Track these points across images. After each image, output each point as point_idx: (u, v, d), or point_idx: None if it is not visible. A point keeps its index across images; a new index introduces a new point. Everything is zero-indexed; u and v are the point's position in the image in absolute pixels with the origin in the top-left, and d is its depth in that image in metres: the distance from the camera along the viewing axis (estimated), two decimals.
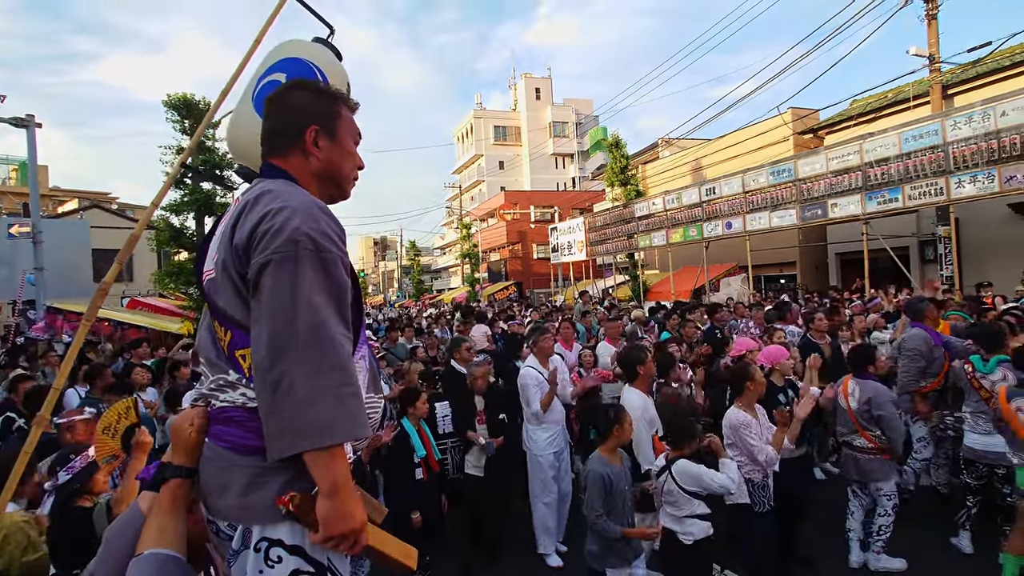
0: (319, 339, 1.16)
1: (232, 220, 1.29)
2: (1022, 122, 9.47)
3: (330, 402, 1.14)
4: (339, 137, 1.45)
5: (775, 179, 14.15)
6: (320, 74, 2.46)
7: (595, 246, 22.17)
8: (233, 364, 1.29)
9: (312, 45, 2.62)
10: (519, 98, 48.11)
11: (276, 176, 1.39)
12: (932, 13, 12.37)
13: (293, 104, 1.43)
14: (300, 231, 1.19)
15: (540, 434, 4.87)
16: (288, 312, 1.16)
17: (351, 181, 1.51)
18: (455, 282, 46.61)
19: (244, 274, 1.24)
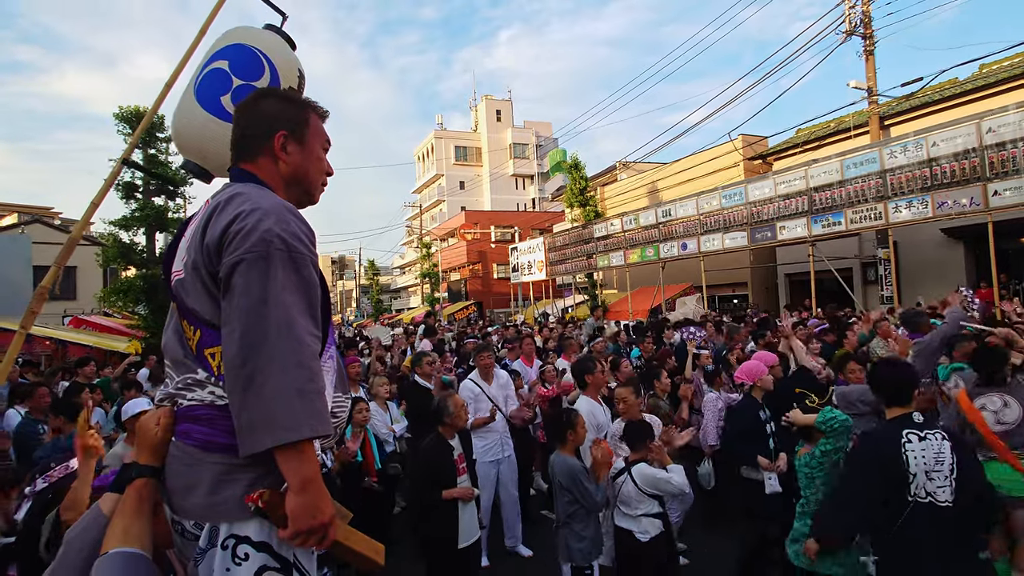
0: (288, 337, 1.18)
1: (203, 221, 1.31)
2: (951, 152, 10.14)
3: (295, 399, 1.16)
4: (308, 143, 1.48)
5: (727, 202, 14.68)
6: (267, 61, 2.42)
7: (555, 266, 22.43)
8: (202, 363, 1.31)
9: (262, 32, 2.55)
10: (480, 119, 48.58)
11: (245, 180, 1.41)
12: (869, 49, 13.18)
13: (262, 110, 1.46)
14: (272, 232, 1.22)
15: (478, 442, 5.02)
16: (259, 310, 1.18)
17: (320, 187, 1.54)
18: (415, 302, 46.23)
19: (215, 273, 1.26)
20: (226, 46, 2.46)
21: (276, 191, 1.41)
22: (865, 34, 13.11)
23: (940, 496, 2.60)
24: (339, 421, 1.46)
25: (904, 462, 2.65)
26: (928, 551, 2.58)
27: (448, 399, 3.80)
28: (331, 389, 1.39)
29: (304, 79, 2.70)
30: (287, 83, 2.58)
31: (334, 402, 1.41)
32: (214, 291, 1.27)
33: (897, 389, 2.88)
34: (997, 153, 9.55)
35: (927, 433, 2.71)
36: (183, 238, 1.41)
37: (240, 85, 2.47)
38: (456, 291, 37.80)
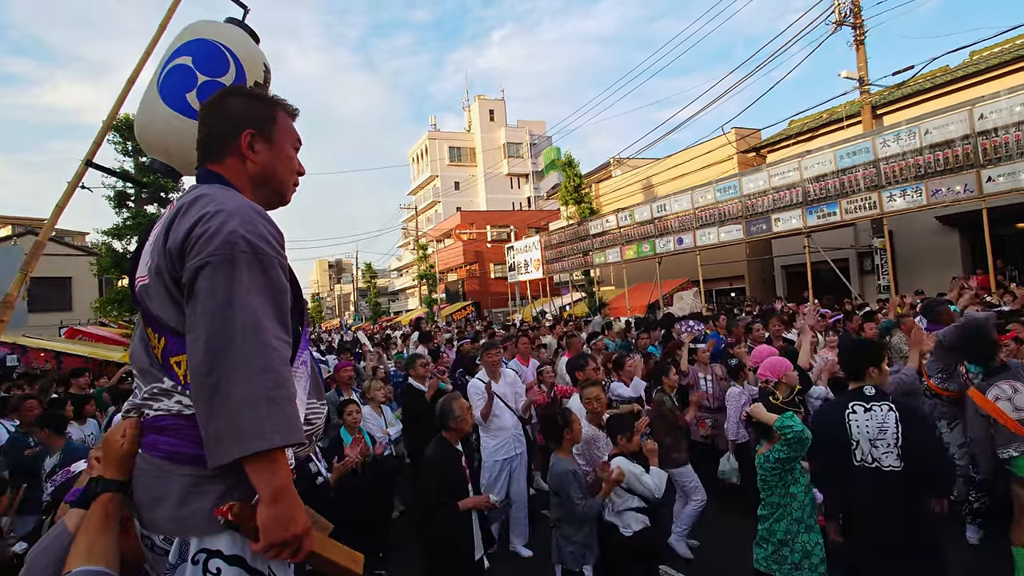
0: (255, 341, 1.14)
1: (166, 225, 1.27)
2: (944, 140, 10.13)
3: (263, 406, 1.12)
4: (276, 141, 1.44)
5: (721, 196, 14.66)
6: (232, 56, 2.38)
7: (551, 264, 22.40)
8: (168, 371, 1.27)
9: (225, 26, 2.51)
10: (473, 119, 48.52)
11: (212, 181, 1.38)
12: (859, 39, 13.16)
13: (228, 109, 1.42)
14: (236, 233, 1.18)
15: (489, 441, 5.09)
16: (224, 314, 1.14)
17: (290, 186, 1.51)
18: (413, 303, 46.20)
19: (178, 278, 1.22)
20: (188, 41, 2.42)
21: (244, 192, 1.38)
22: (854, 24, 13.09)
23: (885, 461, 2.88)
24: (314, 428, 1.42)
25: (847, 431, 3.00)
26: (875, 510, 2.90)
27: (452, 402, 3.74)
28: (304, 395, 1.35)
29: (270, 73, 2.65)
30: (252, 78, 2.54)
31: (308, 409, 1.37)
32: (178, 297, 1.23)
33: (853, 365, 3.16)
34: (989, 139, 9.53)
35: (873, 405, 2.99)
36: (147, 242, 1.37)
37: (205, 81, 2.43)
38: (454, 292, 37.75)
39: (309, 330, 1.45)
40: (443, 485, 3.47)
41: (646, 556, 3.60)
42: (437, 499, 3.43)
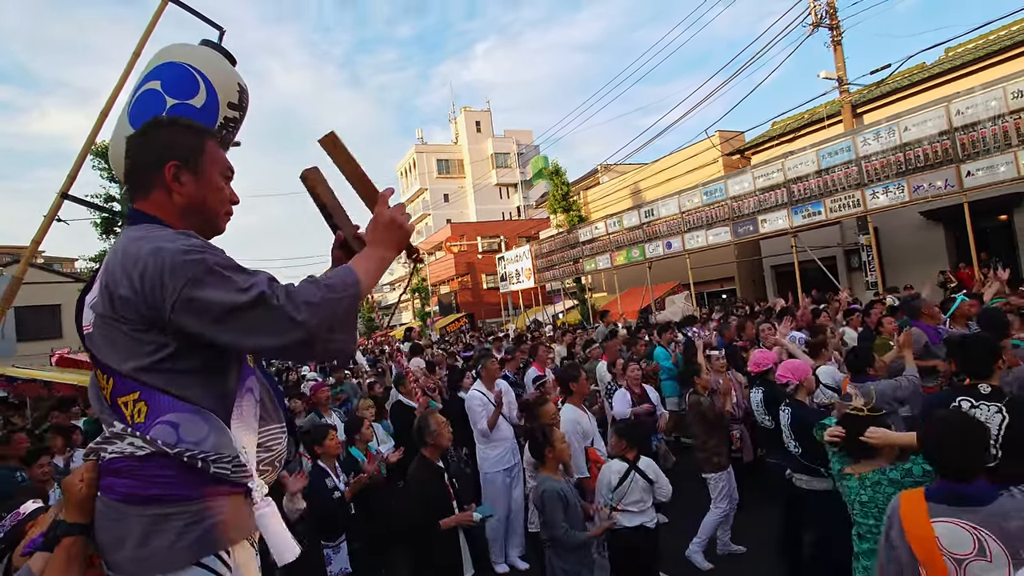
0: (273, 296, 1.21)
1: (104, 274, 1.29)
2: (923, 136, 10.26)
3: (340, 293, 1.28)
4: (204, 172, 1.43)
5: (708, 199, 14.76)
6: (202, 78, 2.37)
7: (542, 272, 22.44)
8: (117, 413, 1.28)
9: (197, 49, 2.50)
10: (460, 131, 48.69)
11: (139, 222, 1.37)
12: (836, 40, 13.35)
13: (151, 141, 1.42)
14: (176, 260, 1.21)
15: (489, 452, 5.10)
16: (231, 313, 1.19)
17: (223, 216, 1.50)
18: (406, 317, 46.06)
19: (120, 319, 1.24)
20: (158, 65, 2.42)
21: (173, 224, 1.38)
22: (831, 25, 13.28)
23: None
24: (273, 455, 1.42)
25: None
26: None
27: (428, 417, 3.73)
28: (255, 422, 1.37)
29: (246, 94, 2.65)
30: (226, 99, 2.53)
31: (263, 435, 1.38)
32: (121, 340, 1.26)
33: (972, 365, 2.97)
34: (967, 134, 9.66)
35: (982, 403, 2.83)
36: (90, 291, 1.37)
37: (175, 104, 2.42)
38: (447, 304, 37.69)
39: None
40: (429, 505, 3.46)
41: (646, 553, 3.72)
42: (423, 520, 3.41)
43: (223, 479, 1.27)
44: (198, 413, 1.26)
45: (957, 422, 2.16)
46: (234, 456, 1.28)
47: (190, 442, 1.23)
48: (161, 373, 1.26)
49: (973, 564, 1.87)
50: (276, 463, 1.45)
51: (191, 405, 1.26)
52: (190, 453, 1.22)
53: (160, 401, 1.24)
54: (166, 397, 1.25)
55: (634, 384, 5.74)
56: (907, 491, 2.17)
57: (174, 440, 1.22)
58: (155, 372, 1.25)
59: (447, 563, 3.53)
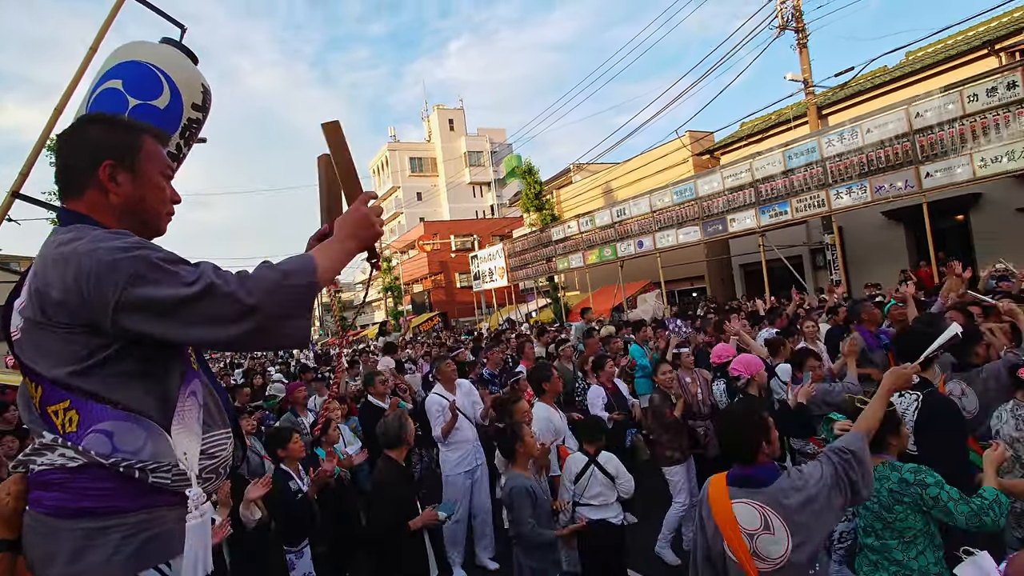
0: (223, 284, 1.17)
1: (34, 277, 1.22)
2: (884, 138, 10.53)
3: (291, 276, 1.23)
4: (141, 171, 1.37)
5: (678, 198, 14.92)
6: (165, 78, 2.31)
7: (516, 271, 22.45)
8: (47, 422, 1.21)
9: (159, 47, 2.44)
10: (433, 129, 48.41)
11: (71, 222, 1.31)
12: (802, 42, 13.60)
13: (86, 139, 1.35)
14: (115, 257, 1.15)
15: (450, 455, 5.03)
16: (183, 303, 1.15)
17: (163, 216, 1.44)
18: (379, 316, 45.66)
19: (47, 323, 1.18)
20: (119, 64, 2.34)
21: (109, 226, 1.32)
22: (797, 28, 13.53)
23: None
24: (218, 461, 1.37)
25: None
26: None
27: (401, 417, 3.69)
28: (198, 428, 1.31)
29: (210, 94, 2.58)
30: (190, 99, 2.47)
31: (207, 441, 1.33)
32: (51, 343, 1.19)
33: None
34: (926, 136, 9.94)
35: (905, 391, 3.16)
36: (17, 297, 1.30)
37: (137, 105, 2.35)
38: (420, 303, 37.48)
39: (192, 356, 1.40)
40: (397, 507, 3.41)
41: (608, 549, 3.73)
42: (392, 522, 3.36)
43: (163, 489, 1.22)
44: (135, 420, 1.21)
45: (739, 412, 2.45)
46: (174, 464, 1.23)
47: (126, 451, 1.18)
48: (97, 378, 1.20)
49: (761, 538, 2.12)
50: (221, 470, 1.39)
51: (127, 412, 1.20)
52: (127, 463, 1.17)
53: (92, 409, 1.18)
54: (99, 405, 1.19)
55: (607, 380, 5.75)
56: (714, 476, 2.39)
57: (108, 450, 1.17)
58: (91, 377, 1.19)
59: (415, 565, 3.50)
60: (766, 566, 2.09)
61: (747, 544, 2.13)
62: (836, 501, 2.10)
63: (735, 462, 2.30)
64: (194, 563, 1.24)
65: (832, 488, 2.10)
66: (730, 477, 2.29)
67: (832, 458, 2.17)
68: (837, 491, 2.11)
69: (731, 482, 2.27)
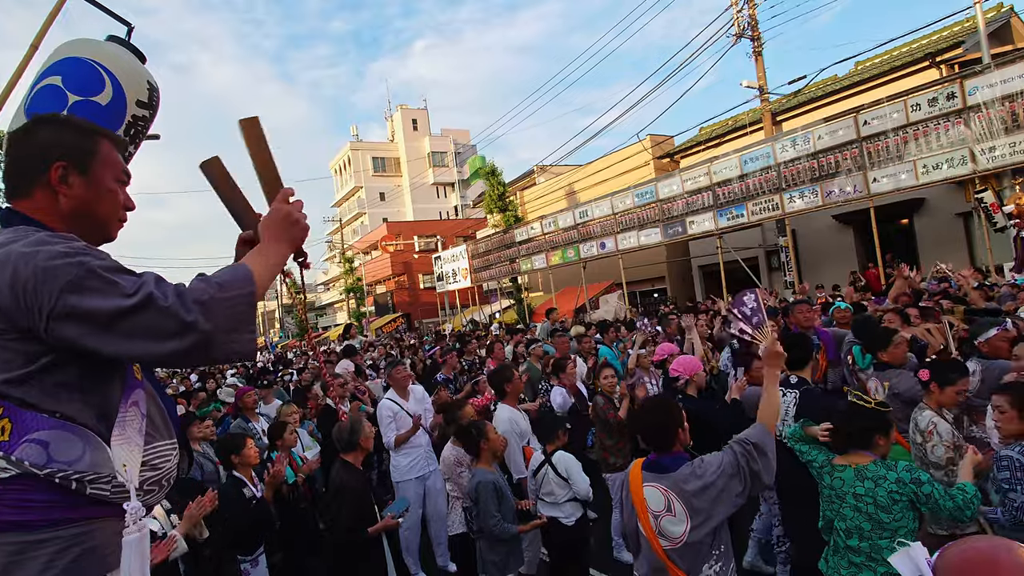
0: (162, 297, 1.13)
1: None
2: (834, 144, 10.92)
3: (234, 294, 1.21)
4: (94, 174, 1.33)
5: (639, 200, 15.16)
6: (108, 75, 2.26)
7: (479, 272, 22.43)
8: None
9: (102, 44, 2.38)
10: (396, 129, 48.00)
11: (15, 223, 1.27)
12: (758, 50, 14.00)
13: (39, 138, 1.31)
14: (52, 263, 1.11)
15: (401, 460, 4.98)
16: (121, 315, 1.11)
17: (116, 222, 1.40)
18: (341, 318, 45.00)
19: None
20: (59, 60, 2.27)
21: (55, 229, 1.27)
22: (753, 36, 13.91)
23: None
24: (161, 473, 1.34)
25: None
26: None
27: (359, 421, 3.65)
28: (139, 439, 1.27)
29: (157, 92, 2.52)
30: (134, 97, 2.41)
31: (148, 452, 1.29)
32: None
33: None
34: (873, 144, 10.35)
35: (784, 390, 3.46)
36: None
37: (78, 101, 2.28)
38: (383, 304, 37.08)
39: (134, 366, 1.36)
40: (359, 514, 3.38)
41: (583, 541, 3.81)
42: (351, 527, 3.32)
43: (101, 501, 1.19)
44: (72, 430, 1.17)
45: (651, 406, 2.64)
46: (113, 476, 1.19)
47: (62, 462, 1.14)
48: (34, 387, 1.15)
49: (664, 519, 2.34)
50: (164, 482, 1.36)
51: (64, 422, 1.16)
52: (63, 473, 1.13)
53: (25, 418, 1.14)
54: (32, 414, 1.14)
55: (568, 381, 5.78)
56: (635, 460, 2.58)
57: (43, 460, 1.13)
58: (27, 386, 1.15)
59: (374, 571, 3.48)
60: (669, 544, 2.30)
61: (652, 524, 2.34)
62: (734, 488, 2.25)
63: (653, 450, 2.49)
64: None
65: (731, 477, 2.25)
66: (645, 463, 2.49)
67: (735, 448, 2.31)
68: (737, 480, 2.26)
69: (645, 467, 2.47)
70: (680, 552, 2.27)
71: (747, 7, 13.81)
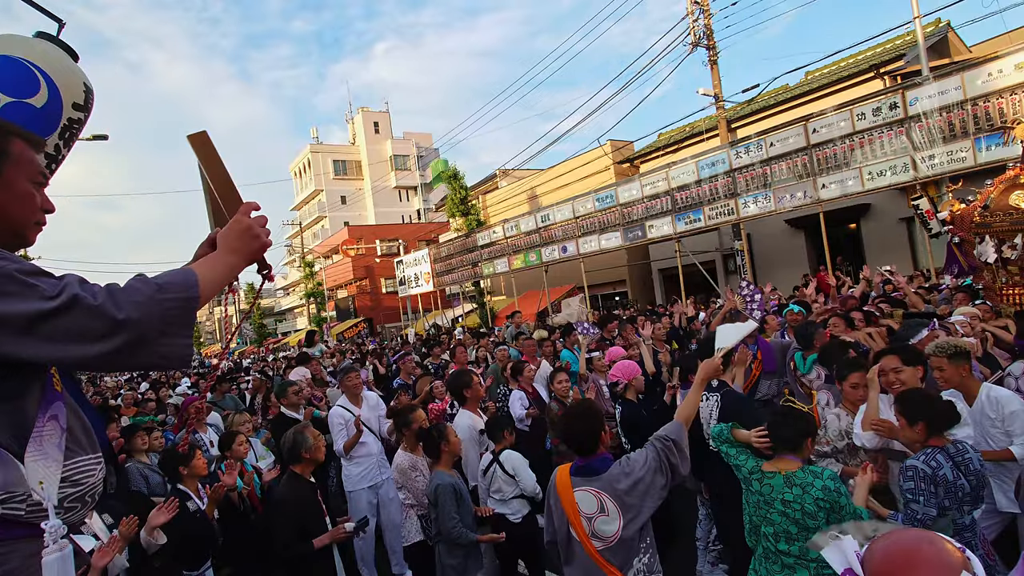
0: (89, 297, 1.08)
1: None
2: (785, 151, 11.27)
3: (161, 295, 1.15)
4: (6, 176, 1.27)
5: (600, 205, 15.33)
6: (43, 75, 2.17)
7: (441, 276, 22.32)
8: None
9: (34, 42, 2.28)
10: (358, 132, 47.42)
11: None
12: (713, 59, 14.34)
13: None
14: None
15: (353, 469, 4.91)
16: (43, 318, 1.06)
17: (32, 227, 1.33)
18: (301, 323, 44.14)
19: None
20: None
21: None
22: (708, 45, 14.25)
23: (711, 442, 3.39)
24: (84, 489, 1.28)
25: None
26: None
27: (304, 431, 3.57)
28: (58, 454, 1.22)
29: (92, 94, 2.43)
30: (70, 99, 2.31)
31: (69, 467, 1.24)
32: None
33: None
34: (822, 151, 10.72)
35: (707, 395, 3.67)
36: None
37: (9, 103, 2.18)
38: (344, 309, 36.52)
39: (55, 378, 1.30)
40: (301, 524, 3.29)
41: (530, 538, 3.81)
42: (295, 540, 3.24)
43: (15, 521, 1.13)
44: None
45: (574, 412, 2.72)
46: (28, 495, 1.14)
47: None
48: None
49: (598, 520, 2.41)
50: (87, 498, 1.30)
51: None
52: None
53: None
54: None
55: (527, 385, 5.80)
56: (562, 466, 2.64)
57: None
58: None
59: None
60: (602, 544, 2.38)
61: (586, 527, 2.41)
62: (659, 482, 2.38)
63: (578, 454, 2.55)
64: None
65: (655, 471, 2.38)
66: (573, 468, 2.55)
67: (656, 444, 2.44)
68: (660, 473, 2.39)
69: (573, 472, 2.53)
70: (613, 550, 2.36)
71: (703, 17, 14.16)
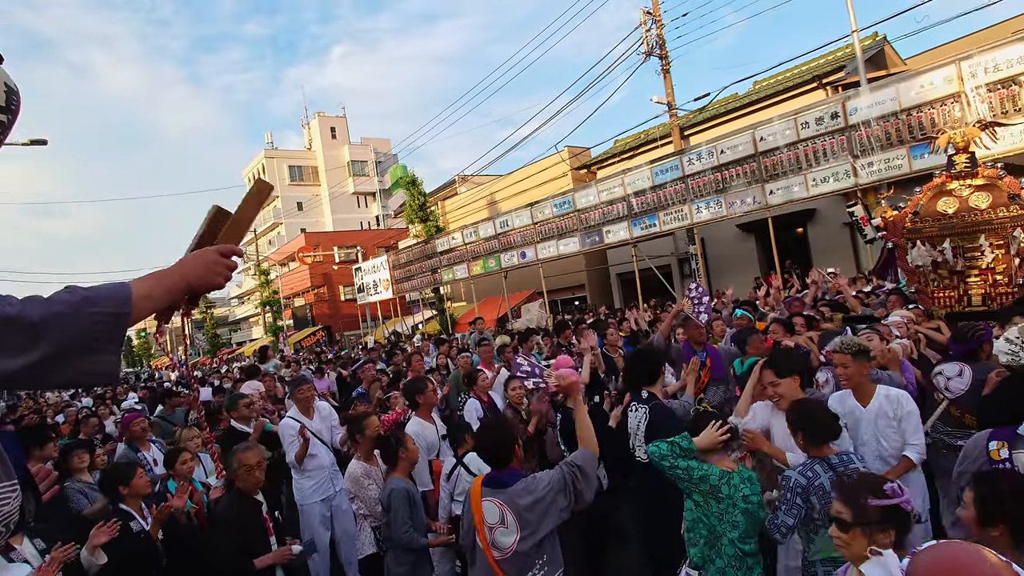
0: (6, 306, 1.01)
1: None
2: (735, 158, 11.61)
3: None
4: None
5: (558, 210, 15.47)
6: None
7: (401, 283, 22.12)
8: None
9: None
10: (314, 137, 46.67)
11: None
12: (666, 68, 14.69)
13: None
14: None
15: (305, 483, 4.81)
16: None
17: None
18: (257, 332, 43.07)
19: None
20: None
21: None
22: (661, 54, 14.59)
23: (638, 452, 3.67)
24: (6, 512, 1.23)
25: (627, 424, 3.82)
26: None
27: (246, 450, 3.46)
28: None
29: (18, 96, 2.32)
30: None
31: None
32: None
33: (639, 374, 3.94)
34: (769, 158, 11.09)
35: (636, 406, 3.81)
36: None
37: None
38: (302, 317, 35.80)
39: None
40: (244, 548, 3.19)
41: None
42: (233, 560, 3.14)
43: None
44: None
45: (489, 426, 2.82)
46: None
47: None
48: None
49: (497, 530, 2.49)
50: (2, 528, 1.25)
51: None
52: None
53: None
54: None
55: (482, 393, 5.81)
56: (477, 477, 2.77)
57: None
58: None
59: None
60: (499, 554, 2.46)
61: (487, 536, 2.49)
62: (560, 503, 2.47)
63: (490, 466, 2.67)
64: None
65: (558, 492, 2.47)
66: (486, 479, 2.64)
67: (564, 468, 2.53)
68: (563, 495, 2.47)
69: (485, 483, 2.62)
70: (510, 561, 2.44)
71: (655, 27, 14.49)
